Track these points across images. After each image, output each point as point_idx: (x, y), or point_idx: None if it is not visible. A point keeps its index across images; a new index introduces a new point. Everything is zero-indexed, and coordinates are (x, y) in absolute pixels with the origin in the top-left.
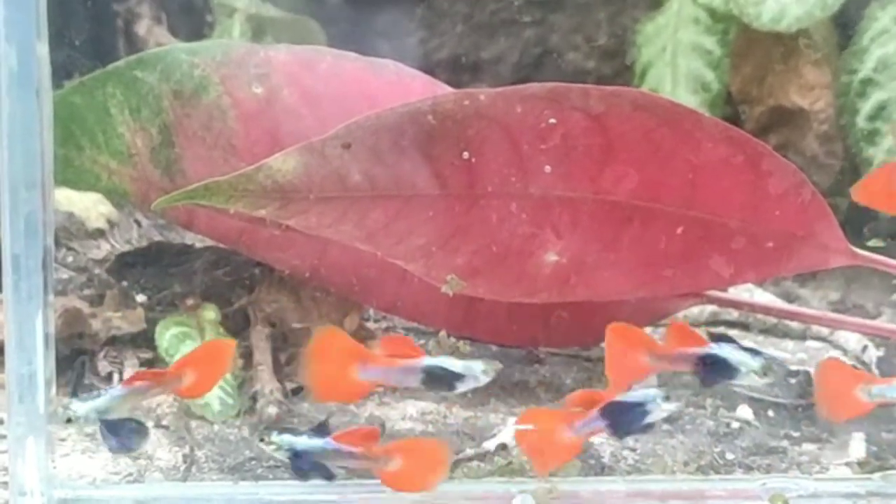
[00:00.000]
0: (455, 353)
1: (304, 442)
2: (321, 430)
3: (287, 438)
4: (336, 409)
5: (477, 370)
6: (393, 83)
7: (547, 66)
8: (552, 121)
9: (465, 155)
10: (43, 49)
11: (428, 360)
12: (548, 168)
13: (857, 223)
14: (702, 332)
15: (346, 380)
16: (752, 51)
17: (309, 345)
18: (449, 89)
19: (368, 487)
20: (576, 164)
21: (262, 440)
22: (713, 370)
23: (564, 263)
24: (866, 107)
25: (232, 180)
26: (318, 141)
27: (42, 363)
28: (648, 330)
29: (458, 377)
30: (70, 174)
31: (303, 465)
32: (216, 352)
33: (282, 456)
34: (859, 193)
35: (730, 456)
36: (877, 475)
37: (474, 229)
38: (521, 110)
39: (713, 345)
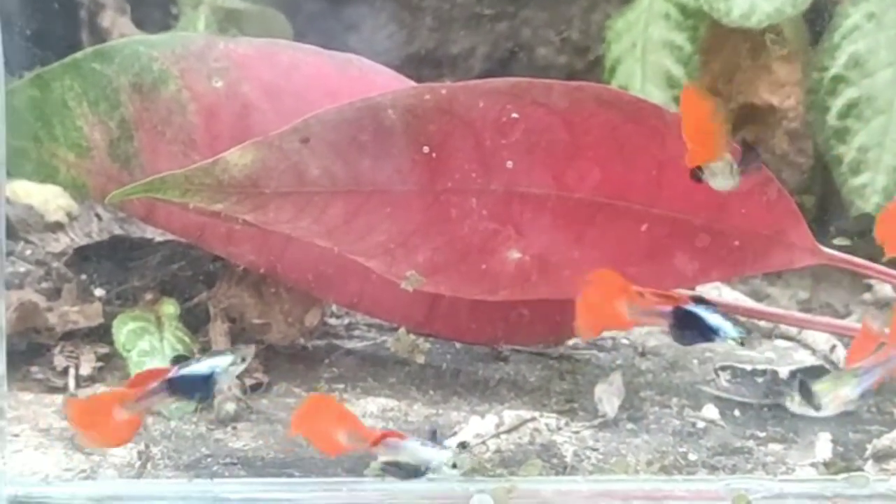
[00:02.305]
0: (414, 350)
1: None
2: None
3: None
4: (296, 405)
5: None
6: (355, 78)
7: (518, 61)
8: (514, 116)
9: (426, 150)
10: None
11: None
12: (510, 164)
13: (825, 222)
14: None
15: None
16: (722, 47)
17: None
18: (412, 84)
19: (324, 485)
20: (538, 159)
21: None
22: (689, 328)
23: (527, 261)
24: (837, 104)
25: (188, 174)
26: (275, 135)
27: None
28: None
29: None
30: (28, 167)
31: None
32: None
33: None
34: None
35: (693, 456)
36: (841, 476)
37: (435, 226)
38: (483, 105)
39: (693, 304)
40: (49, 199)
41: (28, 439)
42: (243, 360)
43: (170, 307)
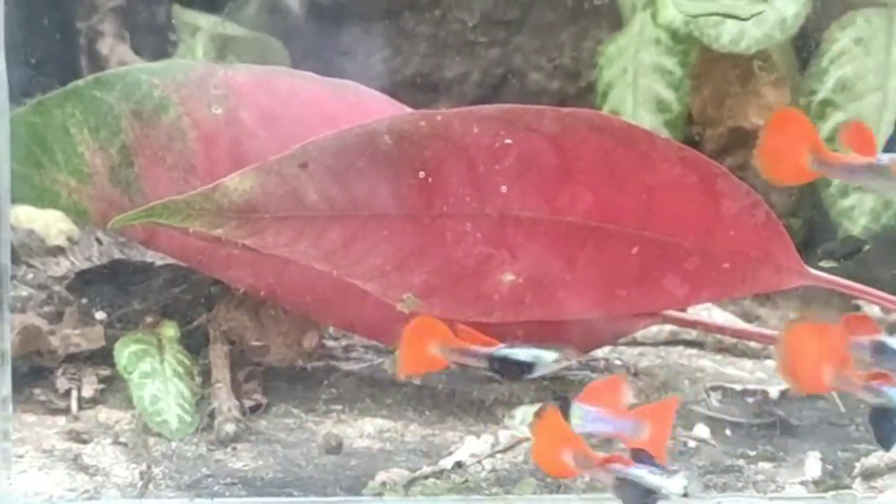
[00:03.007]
0: None
1: None
2: None
3: None
4: (295, 426)
5: (548, 359)
6: (352, 104)
7: (510, 86)
8: (508, 141)
9: (422, 175)
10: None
11: (498, 351)
12: (504, 188)
13: (813, 244)
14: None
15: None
16: (712, 72)
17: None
18: (409, 110)
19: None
20: (531, 184)
21: None
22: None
23: (520, 283)
24: (825, 128)
25: (189, 199)
26: (274, 161)
27: None
28: None
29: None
30: (30, 192)
31: None
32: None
33: None
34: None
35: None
36: (829, 494)
37: (431, 249)
38: (477, 131)
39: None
40: (50, 223)
41: (32, 460)
42: (567, 359)
43: (170, 330)
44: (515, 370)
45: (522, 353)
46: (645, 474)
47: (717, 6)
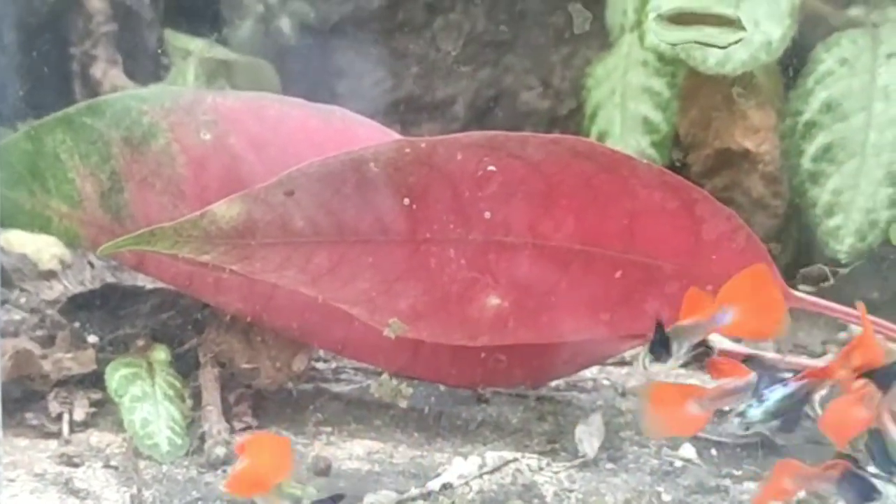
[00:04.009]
0: (397, 395)
1: None
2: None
3: None
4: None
5: None
6: (339, 130)
7: (501, 107)
8: (491, 168)
9: (407, 202)
10: None
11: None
12: (488, 214)
13: (797, 266)
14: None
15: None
16: (698, 93)
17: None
18: (396, 135)
19: None
20: (515, 210)
21: None
22: None
23: (505, 307)
24: (811, 148)
25: (177, 226)
26: (261, 188)
27: None
28: None
29: None
30: (21, 218)
31: None
32: None
33: None
34: None
35: (667, 497)
36: None
37: (416, 274)
38: (461, 158)
39: None
40: (43, 248)
41: (24, 484)
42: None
43: (161, 353)
44: None
45: None
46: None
47: (696, 35)
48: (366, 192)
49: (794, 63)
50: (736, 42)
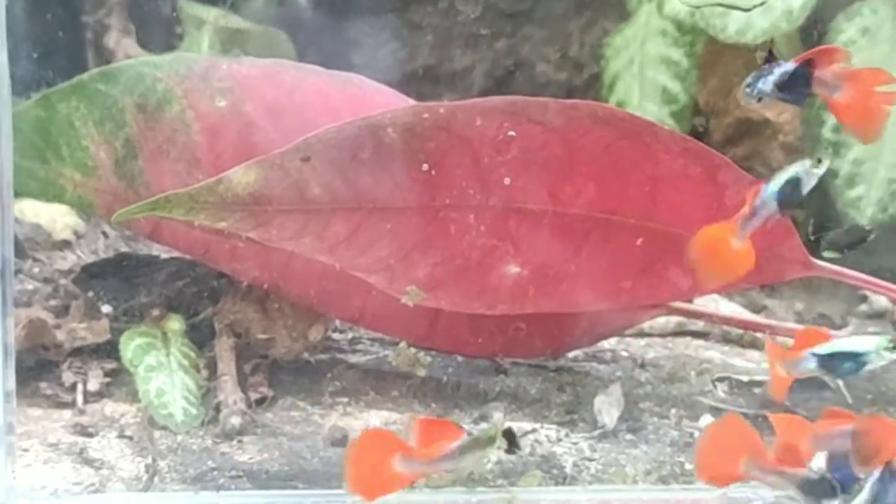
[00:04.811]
0: (416, 364)
1: None
2: None
3: None
4: (301, 418)
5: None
6: (356, 96)
7: (517, 78)
8: (511, 133)
9: (425, 167)
10: (2, 58)
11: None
12: (507, 180)
13: (819, 235)
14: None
15: None
16: (718, 63)
17: None
18: (413, 102)
19: (328, 497)
20: (535, 176)
21: None
22: None
23: (525, 275)
24: (831, 119)
25: (192, 192)
26: (277, 154)
27: (1, 375)
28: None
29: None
30: (35, 186)
31: None
32: None
33: None
34: None
35: (690, 466)
36: None
37: (435, 242)
38: (480, 123)
39: None
40: (56, 217)
41: (37, 454)
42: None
43: (176, 323)
44: None
45: None
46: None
47: None
48: (383, 158)
49: (815, 32)
50: (760, 4)
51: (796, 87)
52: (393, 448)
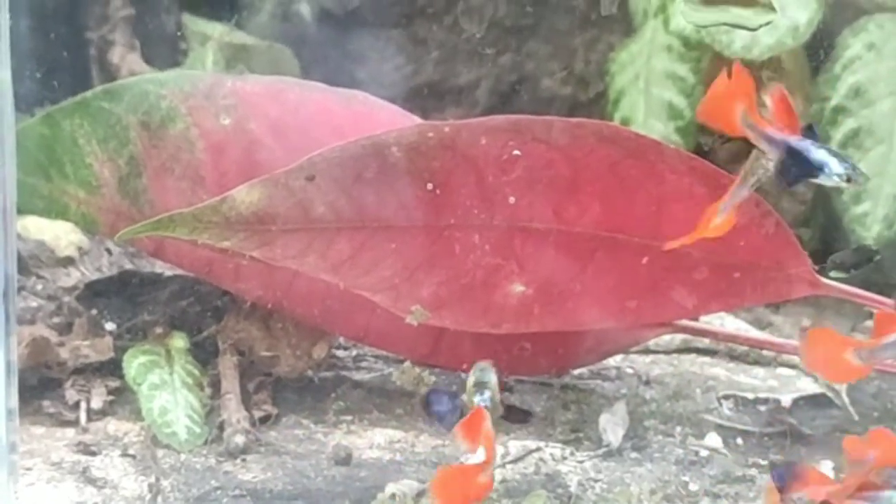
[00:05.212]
0: (420, 383)
1: None
2: None
3: None
4: (304, 436)
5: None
6: (360, 114)
7: (522, 94)
8: (516, 152)
9: (430, 186)
10: (5, 75)
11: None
12: (512, 199)
13: (826, 252)
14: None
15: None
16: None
17: None
18: (418, 120)
19: None
20: (540, 195)
21: None
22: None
23: (530, 294)
24: (838, 135)
25: (196, 212)
26: (281, 173)
27: (4, 393)
28: None
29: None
30: (39, 204)
31: None
32: None
33: None
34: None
35: (694, 487)
36: None
37: (439, 261)
38: (485, 142)
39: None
40: (60, 234)
41: (40, 473)
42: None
43: (179, 341)
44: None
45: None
46: None
47: (726, 16)
48: (388, 177)
49: (821, 48)
50: (766, 24)
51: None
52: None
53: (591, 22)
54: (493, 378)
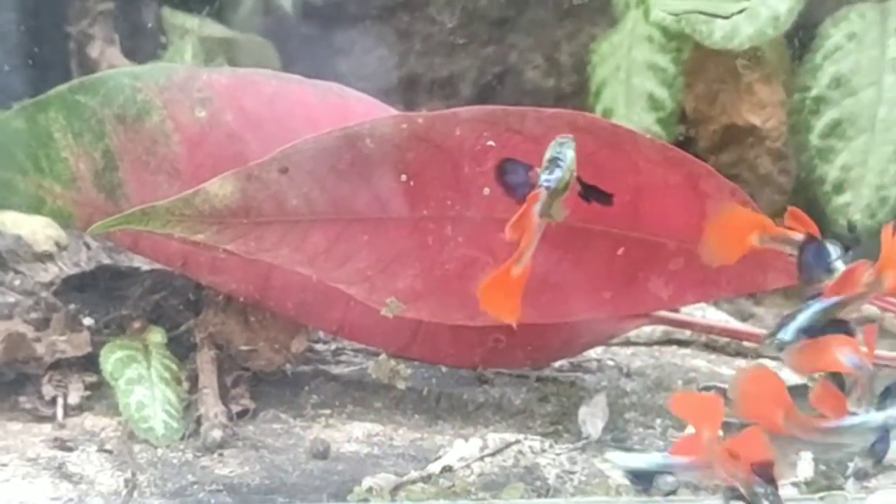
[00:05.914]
0: (395, 376)
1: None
2: None
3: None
4: (282, 431)
5: None
6: (337, 105)
7: (506, 85)
8: (490, 143)
9: (404, 178)
10: None
11: None
12: (487, 191)
13: None
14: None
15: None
16: (704, 69)
17: None
18: (394, 112)
19: None
20: None
21: None
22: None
23: None
24: (819, 125)
25: (169, 205)
26: (254, 165)
27: None
28: None
29: None
30: (14, 198)
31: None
32: None
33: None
34: None
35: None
36: (818, 496)
37: (414, 253)
38: (459, 133)
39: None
40: (38, 229)
41: (16, 468)
42: None
43: (157, 335)
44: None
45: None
46: None
47: (699, 4)
48: (362, 169)
49: (801, 38)
50: (739, 12)
51: None
52: None
53: (572, 13)
54: (569, 154)
